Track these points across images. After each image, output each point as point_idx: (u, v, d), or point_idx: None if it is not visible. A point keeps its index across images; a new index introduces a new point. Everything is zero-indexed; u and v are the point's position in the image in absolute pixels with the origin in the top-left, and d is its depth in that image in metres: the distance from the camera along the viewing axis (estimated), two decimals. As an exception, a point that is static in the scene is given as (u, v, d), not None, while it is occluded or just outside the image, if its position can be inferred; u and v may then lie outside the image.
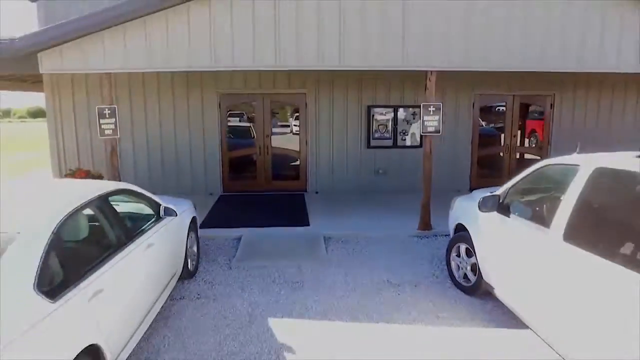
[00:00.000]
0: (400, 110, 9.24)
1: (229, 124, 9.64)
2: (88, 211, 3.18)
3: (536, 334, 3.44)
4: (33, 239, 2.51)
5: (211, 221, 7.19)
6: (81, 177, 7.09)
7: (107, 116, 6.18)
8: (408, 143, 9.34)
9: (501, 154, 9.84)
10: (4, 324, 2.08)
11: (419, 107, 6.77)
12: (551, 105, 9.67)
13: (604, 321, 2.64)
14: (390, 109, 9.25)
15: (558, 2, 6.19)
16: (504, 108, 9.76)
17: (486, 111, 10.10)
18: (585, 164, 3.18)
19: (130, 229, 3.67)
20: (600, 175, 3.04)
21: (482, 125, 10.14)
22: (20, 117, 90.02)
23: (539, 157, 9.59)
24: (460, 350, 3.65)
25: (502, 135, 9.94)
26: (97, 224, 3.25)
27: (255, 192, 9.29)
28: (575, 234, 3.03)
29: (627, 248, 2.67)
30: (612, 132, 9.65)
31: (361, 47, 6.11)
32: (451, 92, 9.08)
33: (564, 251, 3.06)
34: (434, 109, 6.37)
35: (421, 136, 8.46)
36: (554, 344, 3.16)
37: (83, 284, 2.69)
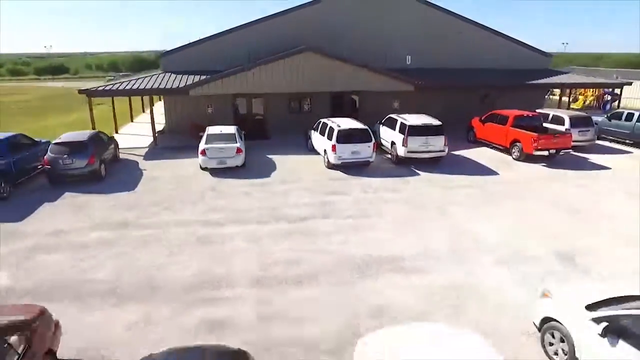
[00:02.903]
0: (305, 99, 24.23)
1: (236, 106, 24.08)
2: (237, 130, 18.00)
3: (320, 155, 18.90)
4: (235, 131, 17.38)
5: (238, 139, 22.04)
6: (195, 125, 21.52)
7: (210, 107, 20.79)
8: (308, 111, 24.46)
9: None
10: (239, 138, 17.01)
11: (311, 96, 21.86)
12: (360, 96, 25.14)
13: (323, 144, 18.08)
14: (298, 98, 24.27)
15: (342, 68, 21.26)
16: (341, 97, 25.15)
17: (337, 97, 25.23)
18: (323, 120, 18.58)
19: (240, 134, 18.54)
20: (319, 122, 18.45)
21: (355, 101, 25.36)
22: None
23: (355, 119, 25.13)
24: (305, 158, 19.05)
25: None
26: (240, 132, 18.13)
27: (247, 131, 24.02)
28: (319, 132, 18.46)
29: (324, 132, 18.03)
30: (384, 109, 25.33)
31: (287, 83, 20.90)
32: (327, 91, 24.20)
33: (319, 137, 18.50)
34: (308, 101, 21.61)
35: (310, 106, 23.63)
36: (321, 152, 18.62)
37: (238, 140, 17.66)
